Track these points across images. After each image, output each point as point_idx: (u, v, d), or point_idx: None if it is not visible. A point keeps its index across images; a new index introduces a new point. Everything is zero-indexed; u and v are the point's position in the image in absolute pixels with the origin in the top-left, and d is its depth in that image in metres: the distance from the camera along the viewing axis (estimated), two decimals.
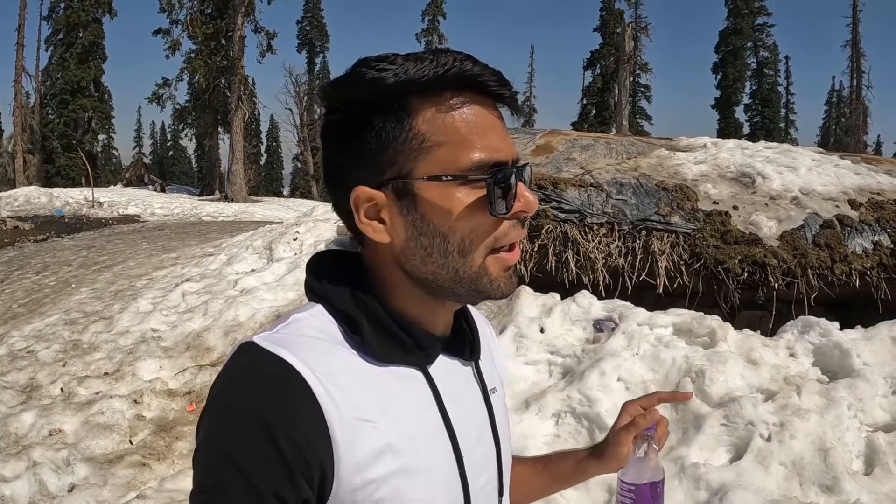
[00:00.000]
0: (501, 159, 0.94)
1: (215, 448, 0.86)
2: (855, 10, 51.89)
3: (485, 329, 1.26)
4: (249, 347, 0.90)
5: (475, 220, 0.94)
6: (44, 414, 5.31)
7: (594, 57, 56.12)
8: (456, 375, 1.07)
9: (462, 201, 0.93)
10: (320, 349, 0.92)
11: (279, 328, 0.95)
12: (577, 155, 7.55)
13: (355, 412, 0.88)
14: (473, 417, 1.07)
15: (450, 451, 0.99)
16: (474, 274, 0.96)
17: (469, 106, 0.94)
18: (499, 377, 1.24)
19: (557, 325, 5.30)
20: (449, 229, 0.94)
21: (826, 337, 4.83)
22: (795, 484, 3.66)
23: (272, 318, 7.08)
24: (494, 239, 0.96)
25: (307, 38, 69.96)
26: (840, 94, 68.12)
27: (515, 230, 0.98)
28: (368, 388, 0.92)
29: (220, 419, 0.87)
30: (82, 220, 23.84)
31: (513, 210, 0.95)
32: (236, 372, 0.90)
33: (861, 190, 6.82)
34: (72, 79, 48.81)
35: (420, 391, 0.98)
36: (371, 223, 0.97)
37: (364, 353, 0.95)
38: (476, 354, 1.13)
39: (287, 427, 0.83)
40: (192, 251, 12.90)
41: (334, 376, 0.89)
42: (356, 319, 0.96)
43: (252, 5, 41.69)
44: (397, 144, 0.94)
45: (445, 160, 0.93)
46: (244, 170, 42.85)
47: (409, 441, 0.92)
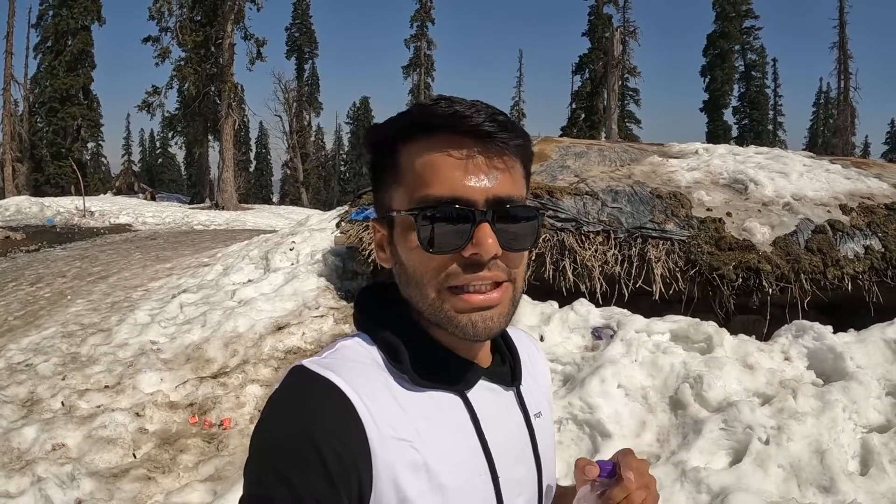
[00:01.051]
0: (449, 196, 0.97)
1: (265, 460, 0.92)
2: (842, 12, 52.20)
3: (533, 354, 1.31)
4: (300, 370, 0.98)
5: (420, 255, 1.00)
6: (46, 428, 5.29)
7: (583, 61, 56.08)
8: (496, 401, 1.11)
9: (411, 237, 1.00)
10: (364, 373, 0.99)
11: (327, 354, 1.03)
12: (572, 163, 7.62)
13: (394, 432, 0.94)
14: (513, 441, 1.12)
15: (486, 472, 1.03)
16: (430, 307, 1.01)
17: (434, 147, 0.99)
18: (546, 399, 1.29)
19: (556, 333, 5.36)
20: (406, 261, 1.03)
21: (820, 340, 4.90)
22: (794, 485, 3.72)
23: (272, 329, 7.09)
24: (445, 276, 0.99)
25: (296, 45, 69.80)
26: (828, 95, 68.47)
27: (468, 272, 0.99)
28: (407, 411, 0.98)
29: (271, 434, 0.94)
30: (74, 230, 23.73)
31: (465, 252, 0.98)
32: (288, 392, 0.97)
33: (852, 194, 6.90)
34: (61, 87, 48.58)
35: (458, 415, 1.04)
36: (378, 251, 1.11)
37: (404, 378, 1.01)
38: (517, 380, 1.17)
39: (332, 442, 0.90)
40: (186, 261, 12.87)
41: (375, 397, 0.95)
42: (395, 347, 1.03)
43: (241, 13, 41.60)
44: (388, 184, 1.05)
45: (406, 197, 1.01)
46: (234, 177, 42.71)
47: (445, 462, 0.98)
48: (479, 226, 0.97)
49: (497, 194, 0.99)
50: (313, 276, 8.35)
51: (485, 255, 0.97)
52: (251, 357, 6.57)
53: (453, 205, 0.97)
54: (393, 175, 1.03)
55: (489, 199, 0.98)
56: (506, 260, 1.01)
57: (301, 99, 65.18)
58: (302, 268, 8.78)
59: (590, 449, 4.22)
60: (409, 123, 1.01)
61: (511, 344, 1.21)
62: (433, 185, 0.98)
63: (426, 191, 0.98)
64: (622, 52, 45.42)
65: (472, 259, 0.98)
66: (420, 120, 1.00)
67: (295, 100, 62.54)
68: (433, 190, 0.98)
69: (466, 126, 0.97)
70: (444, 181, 0.98)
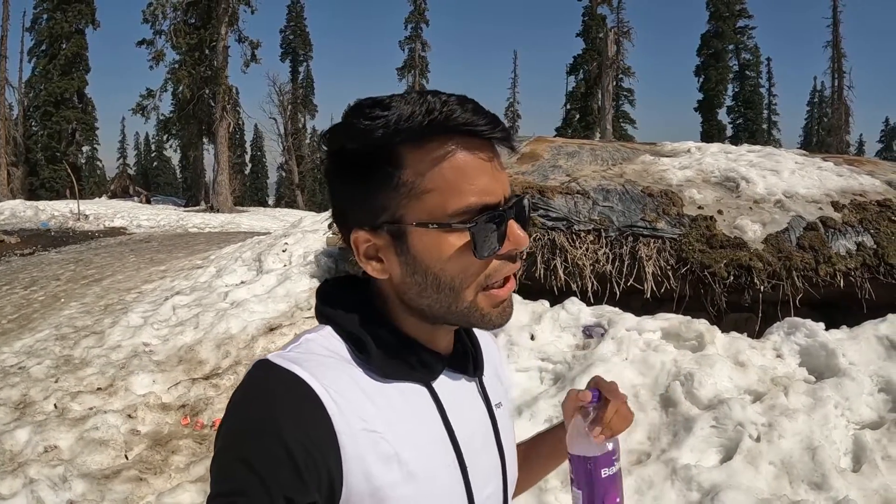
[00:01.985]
0: (489, 202, 0.98)
1: (233, 454, 0.91)
2: (835, 11, 52.30)
3: (490, 345, 1.33)
4: (264, 364, 0.97)
5: (464, 262, 0.99)
6: (38, 430, 5.29)
7: (577, 62, 56.16)
8: (460, 390, 1.13)
9: (451, 246, 0.98)
10: (329, 366, 0.98)
11: (291, 347, 1.02)
12: (563, 162, 7.62)
13: (363, 423, 0.94)
14: (477, 430, 1.13)
15: (454, 461, 1.04)
16: (465, 309, 1.02)
17: (457, 152, 0.97)
18: (504, 392, 1.30)
19: (548, 332, 5.36)
20: (440, 270, 1.00)
21: (812, 337, 4.90)
22: (785, 482, 3.72)
23: (264, 331, 7.09)
24: (485, 277, 1.01)
25: (290, 47, 69.76)
26: (822, 94, 68.66)
27: (506, 266, 1.02)
28: (374, 403, 0.97)
29: (237, 428, 0.93)
30: (69, 234, 23.68)
31: (503, 250, 1.00)
32: (252, 385, 0.96)
33: (844, 192, 6.90)
34: (55, 90, 48.55)
35: (425, 405, 1.04)
36: (369, 262, 1.04)
37: (370, 370, 1.01)
38: (479, 371, 1.19)
39: (299, 435, 0.89)
40: (180, 263, 12.86)
41: (342, 390, 0.95)
42: (361, 339, 1.03)
43: (235, 15, 41.59)
44: (389, 191, 0.98)
45: (434, 207, 0.97)
46: (229, 180, 42.68)
47: (414, 452, 0.98)
48: (510, 222, 1.01)
49: (507, 192, 1.02)
50: (306, 278, 8.34)
51: (521, 248, 1.02)
52: (243, 358, 6.57)
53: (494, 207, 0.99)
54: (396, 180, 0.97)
55: (505, 196, 1.01)
56: None
57: (296, 101, 65.23)
58: (294, 269, 8.78)
59: None
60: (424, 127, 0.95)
61: (472, 335, 1.22)
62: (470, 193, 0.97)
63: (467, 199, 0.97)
64: (616, 53, 45.51)
65: (509, 254, 1.02)
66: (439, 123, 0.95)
67: (290, 102, 62.56)
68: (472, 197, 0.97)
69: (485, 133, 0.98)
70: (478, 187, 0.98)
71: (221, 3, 40.17)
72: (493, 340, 1.39)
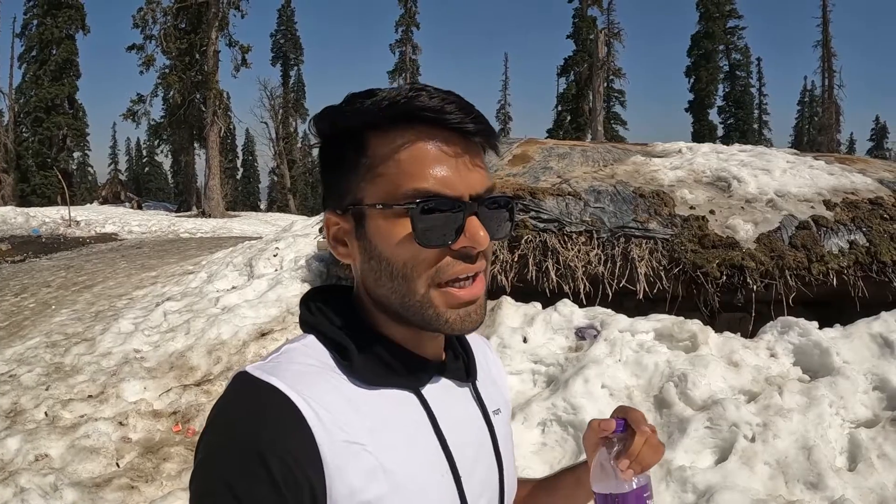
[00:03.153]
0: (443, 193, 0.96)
1: (210, 470, 0.89)
2: (825, 10, 52.45)
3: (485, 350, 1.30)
4: (242, 377, 0.95)
5: (412, 249, 0.97)
6: (29, 438, 5.26)
7: (568, 64, 56.19)
8: (452, 397, 1.09)
9: (399, 230, 0.97)
10: (310, 375, 0.95)
11: (272, 357, 1.00)
12: (554, 163, 7.61)
13: (345, 435, 0.91)
14: (471, 438, 1.09)
15: (447, 472, 1.01)
16: (418, 303, 0.99)
17: (418, 140, 0.97)
18: (503, 398, 1.27)
19: (540, 335, 5.34)
20: (391, 255, 0.99)
21: (805, 336, 4.90)
22: (781, 482, 3.71)
23: (255, 336, 7.06)
24: (436, 271, 0.98)
25: (281, 51, 69.75)
26: (812, 93, 68.89)
27: (459, 265, 0.98)
28: (359, 412, 0.95)
29: (214, 443, 0.91)
30: (60, 240, 23.63)
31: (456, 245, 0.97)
32: (230, 399, 0.94)
33: (835, 190, 6.91)
34: (46, 96, 48.39)
35: (413, 413, 1.01)
36: (337, 246, 1.06)
37: (354, 378, 0.98)
38: (472, 376, 1.15)
39: (277, 450, 0.86)
40: (171, 269, 12.83)
41: (324, 401, 0.92)
42: (345, 346, 1.01)
43: (226, 20, 41.48)
44: (354, 174, 1.00)
45: (387, 190, 0.97)
46: (221, 185, 42.57)
47: (402, 463, 0.95)
48: (470, 218, 0.97)
49: (478, 189, 0.99)
50: (297, 282, 8.32)
51: (478, 247, 0.98)
52: (235, 364, 6.54)
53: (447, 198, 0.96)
54: (360, 165, 1.00)
55: (472, 194, 0.98)
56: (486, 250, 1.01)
57: (287, 105, 65.23)
58: (286, 273, 8.75)
59: (574, 450, 4.20)
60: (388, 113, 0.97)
61: (464, 340, 1.19)
62: (424, 179, 0.96)
63: (416, 184, 0.96)
64: (607, 54, 45.64)
65: (462, 252, 0.98)
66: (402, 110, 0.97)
67: (281, 106, 62.63)
68: (423, 183, 0.96)
69: (452, 123, 0.97)
70: (432, 175, 0.96)
71: (212, 7, 40.06)
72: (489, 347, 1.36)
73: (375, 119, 0.98)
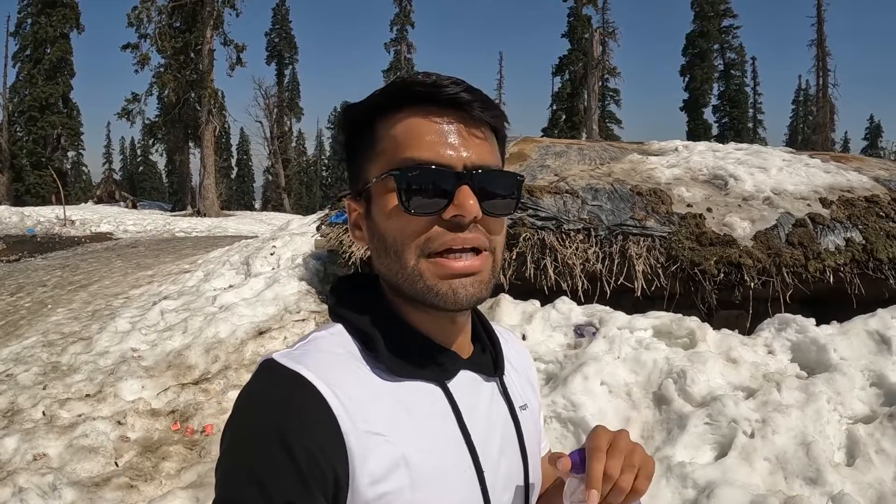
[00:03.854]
0: (433, 160, 0.97)
1: (234, 459, 0.90)
2: (819, 9, 52.56)
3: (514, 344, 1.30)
4: (269, 364, 0.95)
5: (401, 220, 0.98)
6: (27, 438, 5.24)
7: (563, 63, 56.26)
8: (478, 391, 1.09)
9: (389, 201, 0.99)
10: (336, 364, 0.96)
11: (299, 345, 1.00)
12: (551, 162, 7.62)
13: (368, 425, 0.91)
14: (496, 433, 1.08)
15: (470, 466, 1.00)
16: (409, 276, 0.99)
17: (414, 116, 0.99)
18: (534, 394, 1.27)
19: (539, 332, 5.34)
20: (385, 229, 1.01)
21: (803, 333, 4.91)
22: (780, 478, 3.72)
23: (253, 335, 7.06)
24: (425, 240, 0.97)
25: (276, 50, 69.69)
26: (807, 92, 69.13)
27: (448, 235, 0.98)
28: (383, 402, 0.95)
29: (239, 432, 0.91)
30: (55, 239, 23.59)
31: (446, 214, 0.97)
32: (256, 386, 0.94)
33: (831, 188, 6.93)
34: (40, 95, 48.32)
35: (438, 405, 1.01)
36: (354, 231, 1.09)
37: (380, 368, 0.98)
38: (500, 370, 1.14)
39: (302, 438, 0.87)
40: (167, 268, 12.81)
41: (349, 389, 0.92)
42: (371, 336, 1.01)
43: (221, 18, 41.42)
44: (365, 159, 1.04)
45: (384, 164, 1.00)
46: (216, 184, 42.50)
47: (424, 456, 0.94)
48: (460, 188, 0.97)
49: (475, 161, 0.99)
50: (294, 281, 8.31)
51: (466, 216, 0.96)
52: (233, 363, 6.53)
53: (435, 166, 0.97)
54: (369, 148, 1.03)
55: (468, 164, 0.98)
56: (486, 225, 1.00)
57: (282, 104, 65.16)
58: (283, 272, 8.75)
59: (574, 447, 4.19)
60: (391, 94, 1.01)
61: (492, 333, 1.19)
62: (413, 149, 0.98)
63: (406, 153, 0.98)
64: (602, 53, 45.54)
65: (453, 221, 0.97)
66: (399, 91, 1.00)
67: (276, 105, 62.50)
68: (413, 153, 0.97)
69: (446, 95, 0.98)
70: (424, 145, 0.98)
71: (206, 6, 40.01)
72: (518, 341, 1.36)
73: (379, 103, 1.02)
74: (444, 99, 0.98)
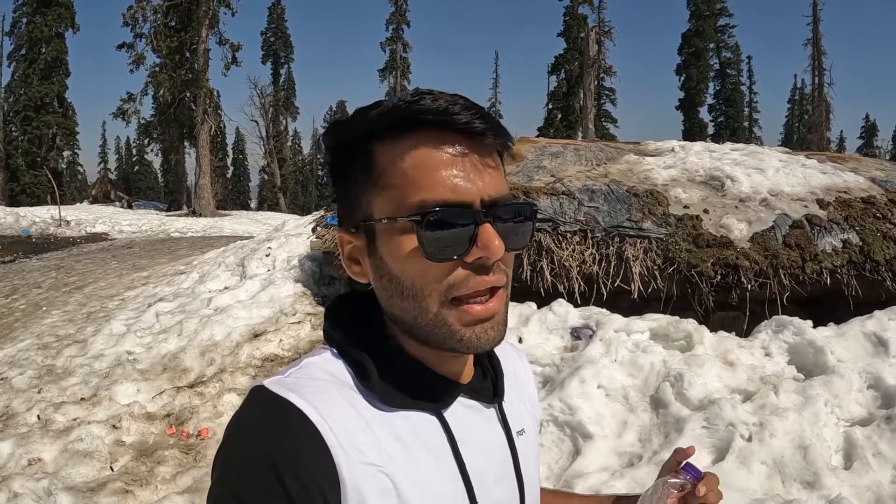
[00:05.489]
0: (451, 200, 0.91)
1: (226, 488, 0.87)
2: (815, 9, 52.62)
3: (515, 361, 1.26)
4: (259, 392, 0.92)
5: (420, 265, 0.92)
6: (21, 443, 5.21)
7: (558, 62, 56.30)
8: (475, 419, 1.05)
9: (406, 245, 0.92)
10: (329, 393, 0.92)
11: (291, 372, 0.96)
12: (548, 162, 7.60)
13: (362, 456, 0.88)
14: (494, 462, 1.06)
15: (464, 496, 0.97)
16: (431, 322, 0.94)
17: (423, 146, 0.92)
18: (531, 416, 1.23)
19: (535, 335, 5.33)
20: (400, 272, 0.94)
21: (800, 335, 4.90)
22: (777, 482, 3.71)
23: (248, 337, 7.03)
24: (448, 286, 0.92)
25: (272, 50, 69.73)
26: (802, 91, 69.21)
27: (474, 278, 0.92)
28: (376, 433, 0.91)
29: (230, 460, 0.88)
30: (50, 240, 23.52)
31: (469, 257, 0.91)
32: (246, 414, 0.91)
33: (828, 189, 6.93)
34: (35, 95, 48.24)
35: (433, 436, 0.97)
36: (351, 266, 1.02)
37: (373, 397, 0.95)
38: (499, 397, 1.11)
39: (294, 468, 0.84)
40: (163, 269, 12.78)
41: (342, 419, 0.89)
42: (363, 364, 0.97)
43: (216, 18, 41.40)
44: (363, 189, 0.96)
45: (394, 202, 0.93)
46: (211, 184, 42.49)
47: (418, 487, 0.91)
48: (482, 227, 0.91)
49: (492, 194, 0.93)
50: (290, 282, 8.29)
51: (492, 257, 0.91)
52: (228, 365, 6.50)
53: (455, 207, 0.91)
54: (368, 178, 0.95)
55: (485, 199, 0.92)
56: (504, 261, 0.95)
57: (277, 104, 65.14)
58: (278, 274, 8.72)
59: (571, 451, 4.19)
60: (395, 120, 0.93)
61: (494, 357, 1.14)
62: (428, 188, 0.91)
63: (422, 194, 0.91)
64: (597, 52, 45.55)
65: (477, 263, 0.92)
66: (403, 115, 0.92)
67: (271, 105, 62.55)
68: (430, 193, 0.90)
69: (458, 124, 0.91)
70: (439, 182, 0.91)
71: (202, 5, 40.00)
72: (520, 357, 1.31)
73: (378, 127, 0.94)
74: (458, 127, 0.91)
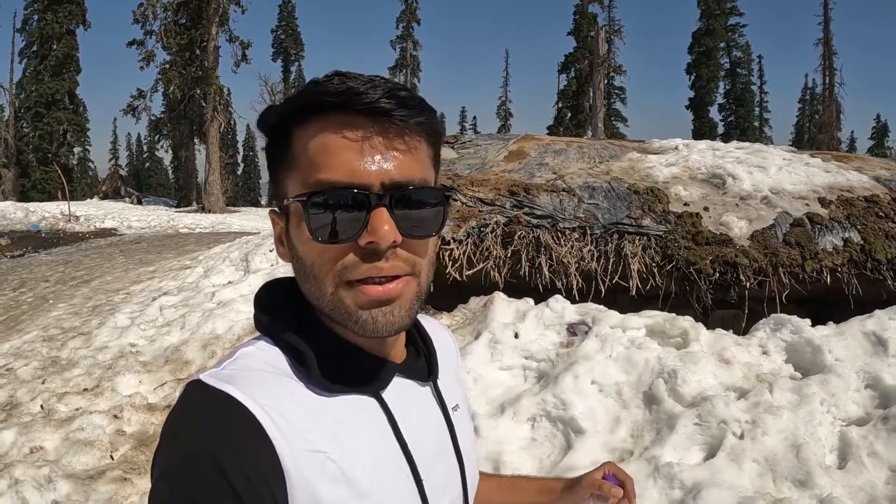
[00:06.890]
0: (341, 180, 0.90)
1: (169, 485, 0.85)
2: (826, 8, 52.41)
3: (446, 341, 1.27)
4: (195, 385, 0.90)
5: (316, 246, 0.92)
6: (24, 432, 5.27)
7: (568, 60, 56.18)
8: (412, 398, 1.07)
9: (303, 226, 0.93)
10: (267, 382, 0.91)
11: (226, 364, 0.95)
12: (550, 160, 7.60)
13: (305, 444, 0.88)
14: (432, 438, 1.07)
15: (409, 476, 0.99)
16: (330, 304, 0.94)
17: (327, 128, 0.92)
18: (461, 394, 1.24)
19: (531, 330, 5.33)
20: (302, 253, 0.95)
21: (798, 334, 4.89)
22: (769, 480, 3.70)
23: (249, 330, 7.06)
24: (342, 269, 0.92)
25: (282, 47, 69.89)
26: (813, 91, 68.93)
27: (364, 264, 0.92)
28: (318, 419, 0.91)
29: (171, 457, 0.86)
30: (59, 235, 23.70)
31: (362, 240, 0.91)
32: (185, 410, 0.89)
33: (831, 188, 6.90)
34: (46, 91, 48.49)
35: (374, 418, 0.98)
36: (278, 246, 1.04)
37: (312, 383, 0.94)
38: (434, 375, 1.12)
39: (236, 460, 0.83)
40: (169, 264, 12.85)
41: (282, 409, 0.88)
42: (300, 350, 0.97)
43: (226, 15, 41.48)
44: (283, 172, 0.97)
45: (299, 184, 0.93)
46: (221, 180, 42.58)
47: (363, 469, 0.92)
48: (375, 211, 0.90)
49: (395, 178, 0.91)
50: None
51: (382, 244, 0.90)
52: None
53: (345, 189, 0.90)
54: (287, 161, 0.96)
55: (386, 182, 0.91)
56: (409, 248, 0.94)
57: None
58: (281, 269, 8.76)
59: (563, 445, 4.20)
60: (302, 104, 0.93)
61: (426, 336, 1.16)
62: (325, 169, 0.90)
63: (318, 175, 0.91)
64: (607, 51, 45.60)
65: (368, 248, 0.91)
66: (312, 99, 0.92)
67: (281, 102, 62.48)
68: (325, 174, 0.90)
69: (361, 103, 0.89)
70: (337, 164, 0.90)
71: (212, 3, 40.08)
72: (452, 338, 1.32)
73: (292, 111, 0.95)
74: (361, 107, 0.90)
